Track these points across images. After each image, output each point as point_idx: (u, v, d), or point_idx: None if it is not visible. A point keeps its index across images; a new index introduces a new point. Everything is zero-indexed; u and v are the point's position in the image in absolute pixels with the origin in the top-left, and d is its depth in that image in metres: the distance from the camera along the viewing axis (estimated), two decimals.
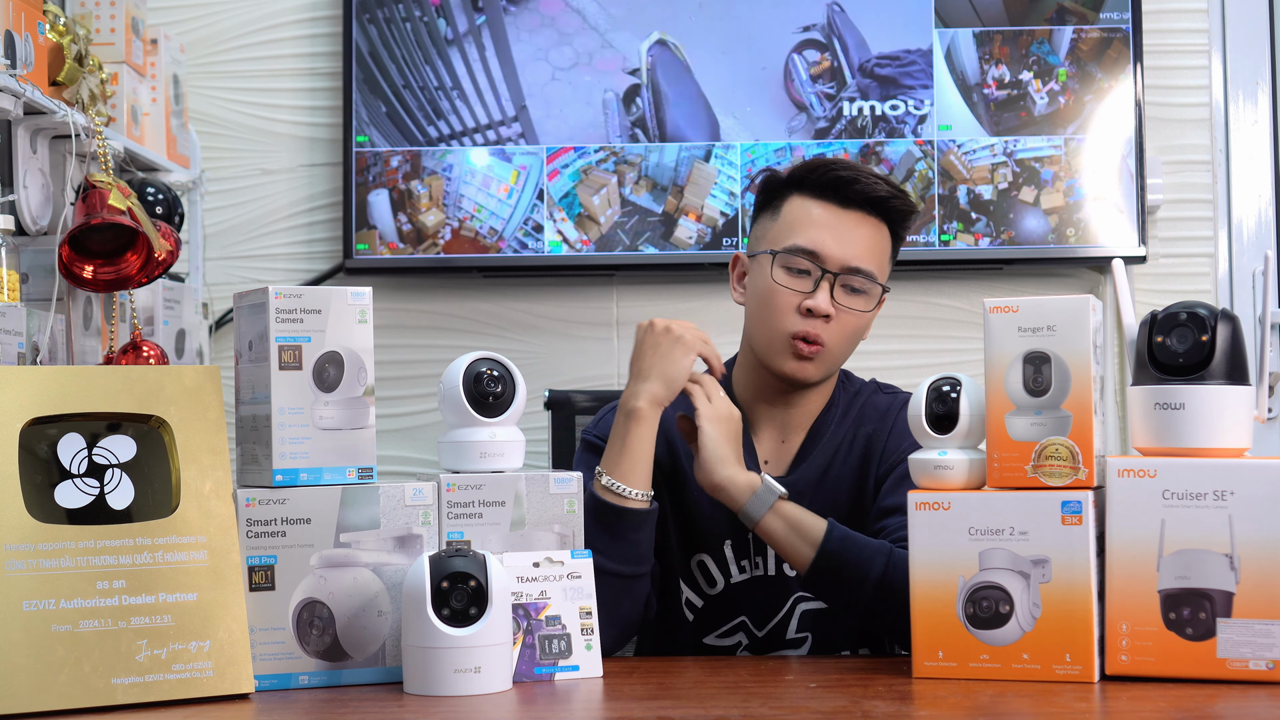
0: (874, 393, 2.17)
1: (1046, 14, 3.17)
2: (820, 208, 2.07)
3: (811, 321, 2.04)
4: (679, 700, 1.67)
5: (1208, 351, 1.67)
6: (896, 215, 2.10)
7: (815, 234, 2.05)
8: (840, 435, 2.11)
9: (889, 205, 2.08)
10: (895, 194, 2.09)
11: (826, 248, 2.04)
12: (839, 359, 2.09)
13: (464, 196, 3.19)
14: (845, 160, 2.14)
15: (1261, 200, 3.27)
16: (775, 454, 2.13)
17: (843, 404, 2.14)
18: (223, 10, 3.32)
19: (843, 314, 2.05)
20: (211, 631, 1.65)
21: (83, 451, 1.66)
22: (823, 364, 2.07)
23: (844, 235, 2.05)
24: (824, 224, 2.06)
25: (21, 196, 2.31)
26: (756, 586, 2.08)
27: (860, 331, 2.10)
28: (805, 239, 2.05)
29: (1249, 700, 1.58)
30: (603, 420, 2.17)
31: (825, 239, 2.05)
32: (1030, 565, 1.67)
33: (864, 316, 2.08)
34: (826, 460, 2.09)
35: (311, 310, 1.77)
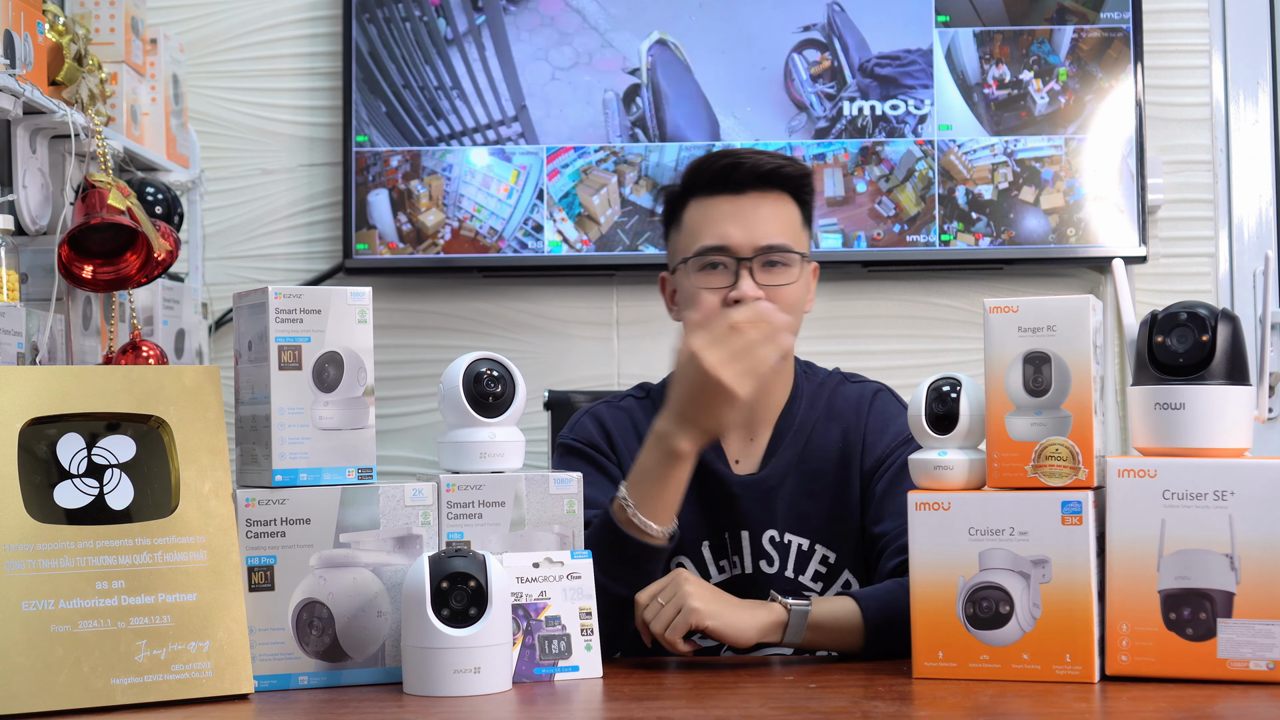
0: (841, 383, 2.16)
1: (1047, 14, 3.17)
2: (715, 202, 2.08)
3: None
4: (679, 700, 1.67)
5: (1208, 351, 1.67)
6: (792, 183, 2.11)
7: (718, 228, 2.07)
8: (809, 427, 2.11)
9: (781, 175, 2.09)
10: (782, 163, 2.10)
11: (732, 238, 2.06)
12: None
13: (464, 196, 3.19)
14: (724, 150, 2.14)
15: (1262, 200, 3.27)
16: (744, 452, 2.12)
17: (807, 393, 2.14)
18: (222, 10, 3.32)
19: (771, 292, 2.05)
20: (211, 632, 1.65)
21: (82, 451, 1.66)
22: None
23: (745, 219, 2.07)
24: (724, 216, 2.07)
25: (21, 196, 2.31)
26: (734, 586, 2.07)
27: (796, 305, 2.08)
28: (710, 236, 2.07)
29: (1249, 700, 1.58)
30: (578, 424, 2.17)
31: (728, 229, 2.06)
32: (1030, 565, 1.67)
33: (793, 290, 2.07)
34: (797, 453, 2.09)
35: (311, 310, 1.77)
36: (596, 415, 2.16)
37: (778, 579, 2.07)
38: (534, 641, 1.75)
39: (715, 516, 2.08)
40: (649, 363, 3.22)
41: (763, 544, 2.08)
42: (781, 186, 2.10)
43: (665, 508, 1.89)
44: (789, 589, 2.06)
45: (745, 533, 2.08)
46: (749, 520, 2.08)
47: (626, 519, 1.88)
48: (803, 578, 2.07)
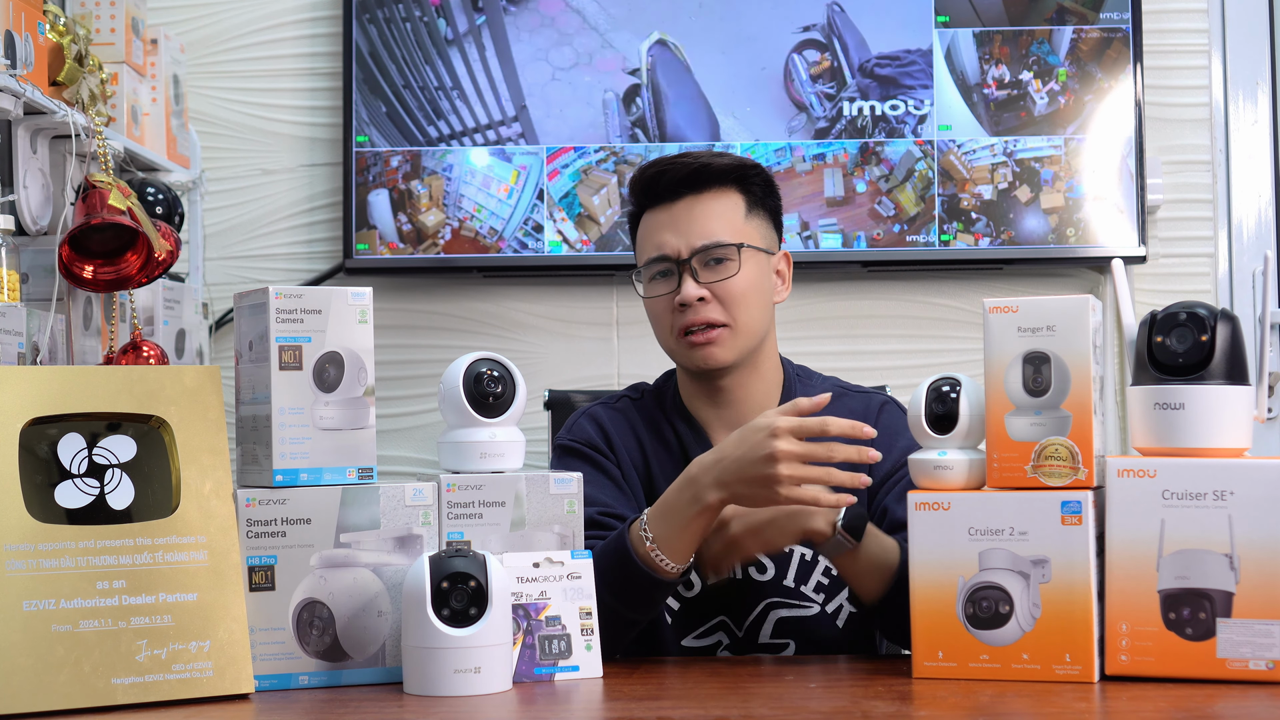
0: (839, 395, 2.12)
1: (1046, 14, 3.17)
2: (655, 214, 2.12)
3: (690, 311, 2.06)
4: (679, 700, 1.67)
5: (1207, 351, 1.67)
6: (729, 176, 2.11)
7: (656, 238, 2.10)
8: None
9: (708, 172, 2.10)
10: (707, 161, 2.11)
11: (667, 245, 2.08)
12: (750, 328, 2.08)
13: (464, 196, 3.19)
14: (654, 159, 2.15)
15: (1261, 200, 3.27)
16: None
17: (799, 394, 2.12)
18: (223, 10, 3.32)
19: (717, 288, 2.06)
20: (211, 632, 1.65)
21: (83, 451, 1.66)
22: (729, 343, 2.07)
23: (680, 224, 2.09)
24: (662, 225, 2.10)
25: (21, 196, 2.31)
26: (729, 589, 2.06)
27: (751, 296, 2.08)
28: (651, 247, 2.11)
29: (1249, 700, 1.58)
30: (576, 425, 2.16)
31: (664, 237, 2.09)
32: (1030, 565, 1.67)
33: (741, 281, 2.07)
34: None
35: (312, 310, 1.77)
36: (594, 416, 2.16)
37: (771, 586, 2.05)
38: (534, 641, 1.75)
39: None
40: (649, 362, 3.22)
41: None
42: (716, 183, 2.11)
43: (685, 548, 1.86)
44: (787, 597, 2.05)
45: None
46: None
47: (645, 553, 1.85)
48: (804, 587, 2.06)
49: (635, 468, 2.11)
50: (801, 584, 2.06)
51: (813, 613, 2.06)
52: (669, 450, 2.12)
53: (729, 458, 1.81)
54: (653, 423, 2.14)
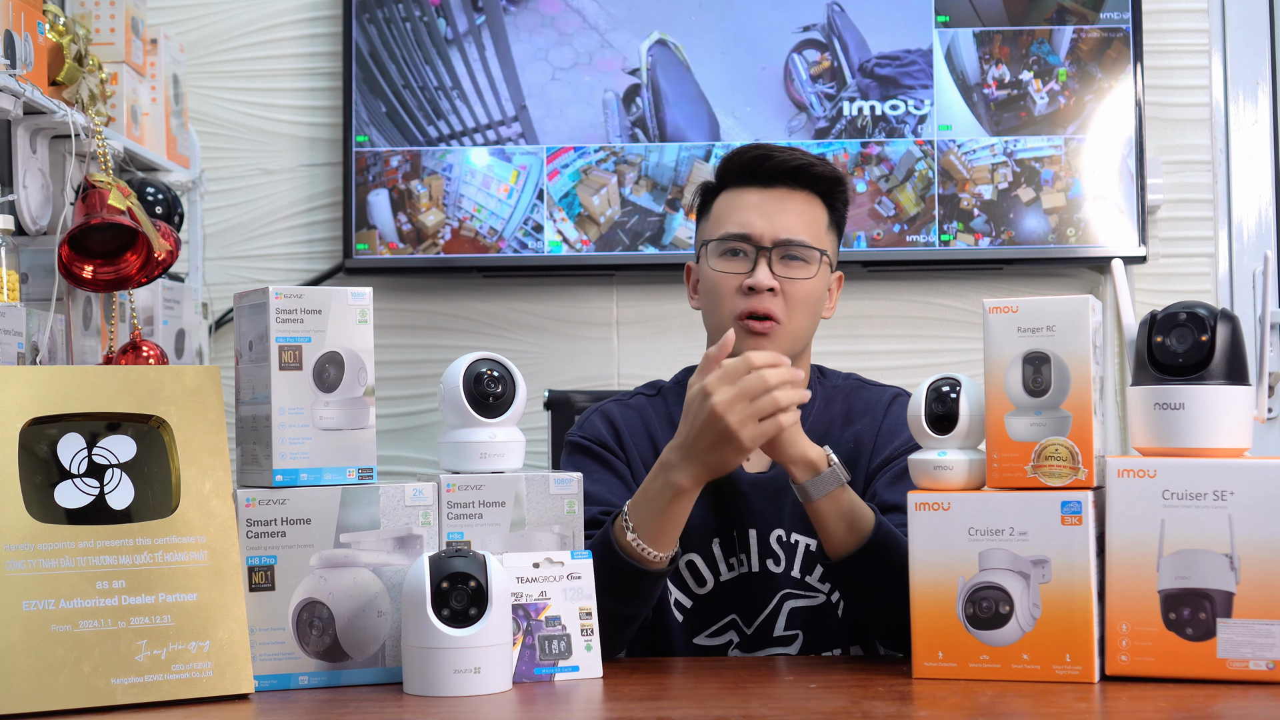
0: (857, 388, 2.17)
1: (1046, 14, 3.17)
2: (744, 193, 2.11)
3: (757, 298, 2.05)
4: (679, 700, 1.67)
5: (1207, 351, 1.67)
6: (823, 184, 2.12)
7: (742, 216, 2.09)
8: (822, 429, 2.11)
9: (811, 174, 2.11)
10: (813, 161, 2.11)
11: (755, 226, 2.08)
12: (797, 334, 2.09)
13: (464, 196, 3.19)
14: (758, 143, 2.16)
15: (1261, 200, 3.27)
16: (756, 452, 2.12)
17: (821, 397, 2.15)
18: (223, 10, 3.32)
19: (787, 285, 2.06)
20: (211, 632, 1.65)
21: (82, 451, 1.66)
22: (781, 339, 2.07)
23: (770, 211, 2.08)
24: (750, 205, 2.09)
25: (21, 196, 2.31)
26: (744, 583, 2.07)
27: (812, 303, 2.10)
28: (734, 224, 2.09)
29: (1249, 700, 1.58)
30: (588, 421, 2.17)
31: (752, 218, 2.08)
32: (1030, 565, 1.67)
33: (809, 285, 2.08)
34: None
35: (312, 310, 1.77)
36: (607, 413, 2.16)
37: (784, 578, 2.07)
38: (534, 641, 1.75)
39: (724, 514, 2.08)
40: (649, 362, 3.22)
41: (770, 543, 2.08)
42: (810, 186, 2.11)
43: (666, 536, 1.87)
44: (796, 588, 2.06)
45: (753, 531, 2.08)
46: (757, 519, 2.08)
47: (626, 543, 1.86)
48: (810, 578, 2.07)
49: (646, 466, 2.09)
50: (807, 574, 2.07)
51: (819, 602, 2.07)
52: None
53: (686, 437, 1.83)
54: (670, 418, 2.14)
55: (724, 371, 1.81)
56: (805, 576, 2.08)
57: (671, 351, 3.20)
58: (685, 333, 3.23)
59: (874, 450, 2.09)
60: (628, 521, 1.86)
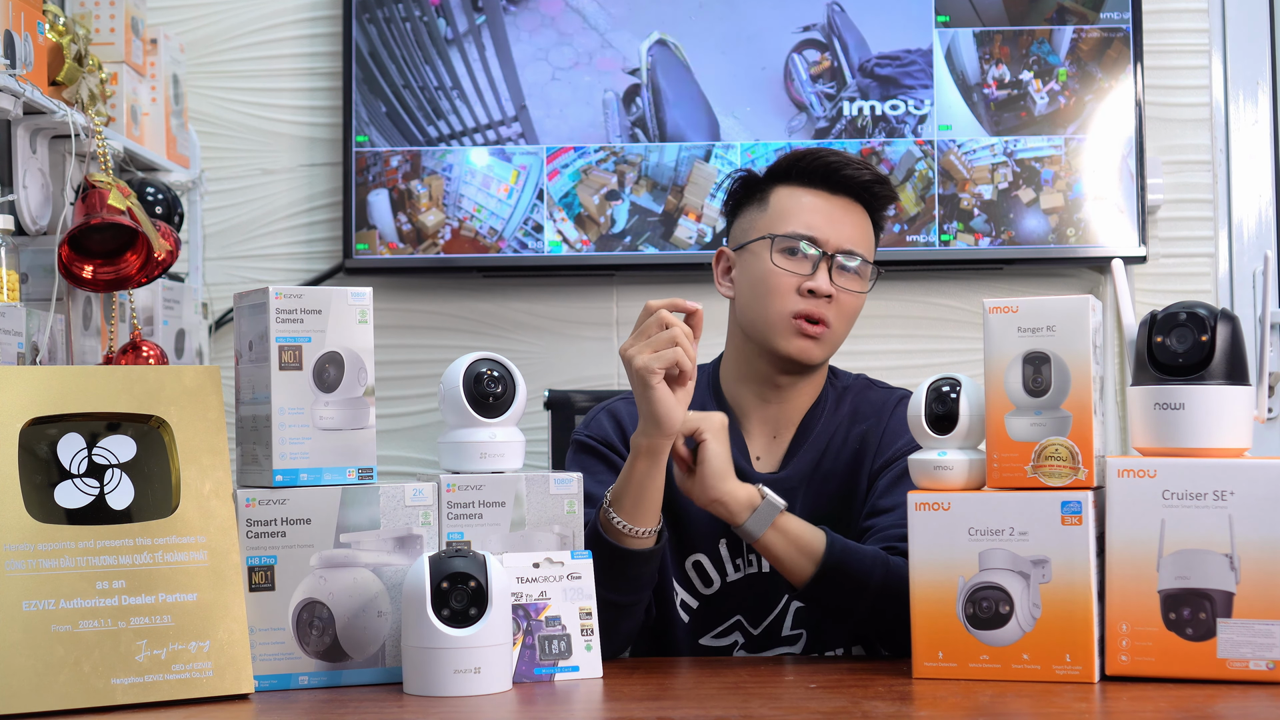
0: (865, 388, 2.19)
1: (1047, 14, 3.17)
2: (810, 195, 2.12)
3: (814, 301, 2.07)
4: (679, 700, 1.67)
5: (1207, 351, 1.67)
6: (878, 202, 2.16)
7: (810, 218, 2.10)
8: (831, 429, 2.12)
9: (872, 191, 2.14)
10: (878, 180, 2.14)
11: (822, 231, 2.09)
12: (839, 340, 2.12)
13: (464, 196, 3.19)
14: (830, 150, 2.16)
15: (1262, 200, 3.27)
16: (767, 450, 2.13)
17: (832, 399, 2.16)
18: (222, 10, 3.32)
19: (841, 294, 2.09)
20: (211, 632, 1.65)
21: (82, 451, 1.66)
22: (826, 344, 2.09)
23: (836, 219, 2.11)
24: (816, 209, 2.11)
25: (21, 196, 2.31)
26: (751, 584, 2.08)
27: (856, 315, 2.14)
28: (801, 224, 2.10)
29: (1249, 700, 1.58)
30: (594, 420, 2.17)
31: (820, 223, 2.10)
32: (1030, 565, 1.67)
33: (860, 298, 2.12)
34: (817, 455, 2.10)
35: (312, 310, 1.77)
36: (613, 412, 2.17)
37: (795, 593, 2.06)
38: (534, 641, 1.75)
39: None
40: None
41: None
42: (868, 203, 2.15)
43: (640, 508, 1.88)
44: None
45: None
46: None
47: (608, 522, 1.89)
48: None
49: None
50: None
51: None
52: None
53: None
54: None
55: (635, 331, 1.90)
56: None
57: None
58: None
59: (877, 451, 2.09)
60: (608, 503, 1.90)
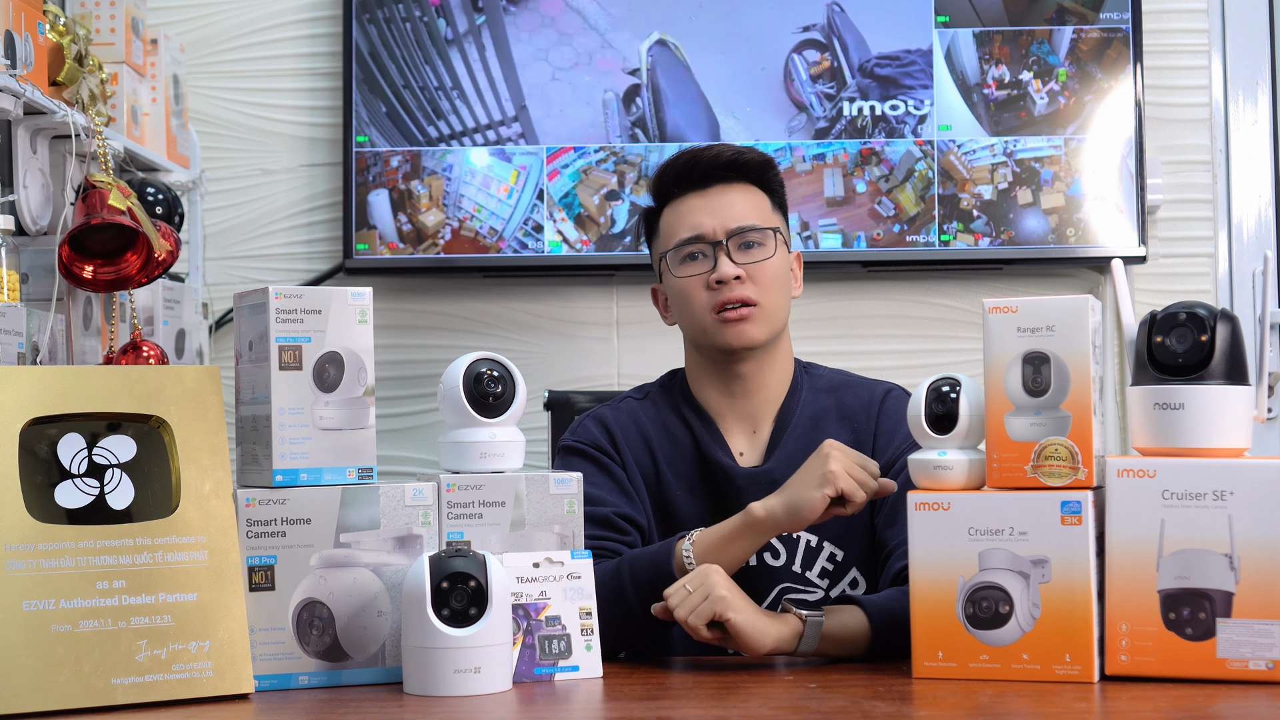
0: (844, 384, 2.19)
1: (1046, 14, 3.17)
2: (684, 201, 2.16)
3: (726, 288, 2.10)
4: (679, 700, 1.67)
5: (1207, 352, 1.67)
6: (754, 170, 2.19)
7: (690, 220, 2.14)
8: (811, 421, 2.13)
9: (740, 163, 2.18)
10: (740, 151, 2.18)
11: (704, 225, 2.13)
12: (774, 313, 2.13)
13: (464, 196, 3.19)
14: (682, 150, 2.22)
15: (1261, 200, 3.27)
16: (748, 446, 2.14)
17: (808, 387, 2.17)
18: (223, 10, 3.32)
19: (751, 270, 2.11)
20: (211, 632, 1.65)
21: (83, 451, 1.66)
22: (761, 320, 2.11)
23: (715, 208, 2.14)
24: (695, 209, 2.15)
25: (21, 196, 2.31)
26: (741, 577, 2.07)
27: (780, 281, 2.14)
28: (683, 229, 2.14)
29: (1249, 700, 1.58)
30: (581, 427, 2.18)
31: (699, 219, 2.14)
32: (1030, 565, 1.67)
33: (772, 264, 2.13)
34: (800, 446, 2.10)
35: (311, 310, 1.77)
36: (599, 418, 2.17)
37: (784, 572, 2.07)
38: (534, 641, 1.75)
39: (721, 510, 2.09)
40: (649, 362, 3.22)
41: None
42: (744, 176, 2.17)
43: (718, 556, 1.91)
44: (795, 582, 2.07)
45: None
46: None
47: (680, 560, 1.90)
48: (809, 573, 2.08)
49: (642, 469, 2.13)
50: (807, 569, 2.08)
51: (816, 597, 2.07)
52: (678, 446, 2.14)
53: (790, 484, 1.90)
54: (660, 420, 2.16)
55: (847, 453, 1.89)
56: (806, 572, 2.08)
57: (671, 351, 3.19)
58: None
59: (874, 451, 2.09)
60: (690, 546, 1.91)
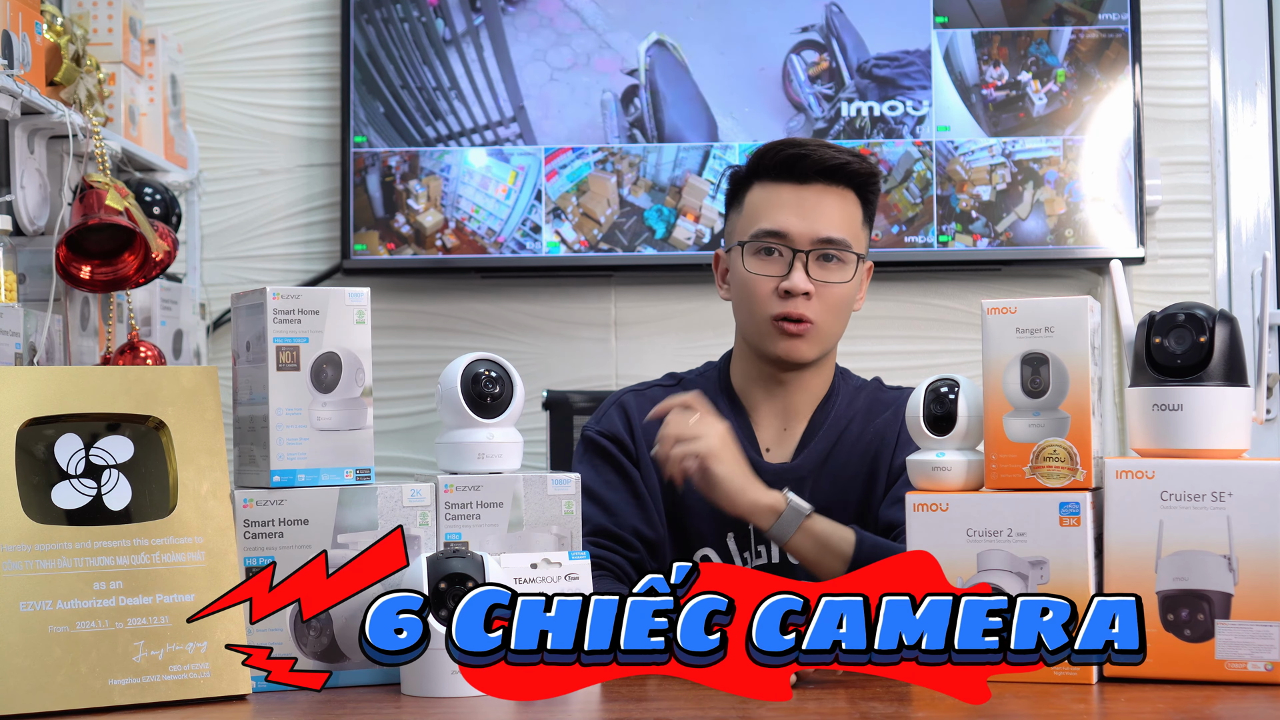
0: (879, 389, 2.19)
1: (1045, 15, 3.17)
2: (779, 189, 2.09)
3: (793, 301, 2.06)
4: (678, 700, 1.67)
5: (1206, 353, 1.67)
6: (858, 180, 2.11)
7: (778, 215, 2.07)
8: (844, 423, 2.12)
9: (847, 171, 2.09)
10: (850, 158, 2.10)
11: (791, 226, 2.06)
12: (830, 334, 2.10)
13: (462, 197, 3.19)
14: (796, 138, 2.16)
15: (1260, 201, 3.27)
16: (777, 441, 2.14)
17: (844, 394, 2.16)
18: (221, 10, 3.32)
19: (823, 288, 2.06)
20: (209, 632, 1.65)
21: (80, 452, 1.66)
22: (814, 341, 2.08)
23: (807, 211, 2.07)
24: (785, 204, 2.07)
25: (19, 197, 2.31)
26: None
27: (847, 303, 2.10)
28: (769, 222, 2.07)
29: (1247, 701, 1.58)
30: (605, 415, 2.17)
31: (789, 218, 2.07)
32: (1028, 567, 1.67)
33: (846, 288, 2.08)
34: (829, 447, 2.10)
35: (309, 311, 1.76)
36: (623, 405, 2.17)
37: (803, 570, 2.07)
38: None
39: None
40: (647, 363, 3.22)
41: None
42: (847, 182, 2.10)
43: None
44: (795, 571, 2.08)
45: None
46: None
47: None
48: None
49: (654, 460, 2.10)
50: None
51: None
52: None
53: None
54: None
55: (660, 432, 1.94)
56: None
57: (670, 352, 3.20)
58: (684, 333, 3.23)
59: (896, 447, 2.10)
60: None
